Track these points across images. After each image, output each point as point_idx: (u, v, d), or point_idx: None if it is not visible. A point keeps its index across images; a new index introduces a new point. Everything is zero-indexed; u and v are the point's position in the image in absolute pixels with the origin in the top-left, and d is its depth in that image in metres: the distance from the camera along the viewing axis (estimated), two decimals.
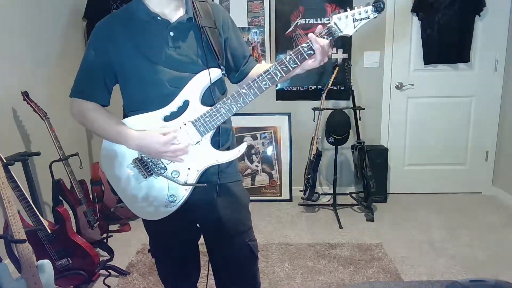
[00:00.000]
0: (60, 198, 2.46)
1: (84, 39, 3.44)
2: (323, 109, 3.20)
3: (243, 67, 1.42)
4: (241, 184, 1.44)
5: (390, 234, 2.86)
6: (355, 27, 1.17)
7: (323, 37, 1.18)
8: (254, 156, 3.60)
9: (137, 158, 1.28)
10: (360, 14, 1.16)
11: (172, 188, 1.28)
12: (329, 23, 1.19)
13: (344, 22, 1.17)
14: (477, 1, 3.22)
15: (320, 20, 3.41)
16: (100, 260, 2.30)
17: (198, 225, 1.46)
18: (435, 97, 3.48)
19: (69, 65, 3.14)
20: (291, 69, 1.20)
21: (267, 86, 1.21)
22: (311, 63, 1.21)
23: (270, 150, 3.59)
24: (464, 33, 3.29)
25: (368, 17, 1.16)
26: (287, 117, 3.55)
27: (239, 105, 1.22)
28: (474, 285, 1.10)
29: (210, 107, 1.24)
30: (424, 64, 3.41)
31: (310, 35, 1.18)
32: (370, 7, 1.15)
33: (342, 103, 3.49)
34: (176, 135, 1.23)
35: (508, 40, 3.29)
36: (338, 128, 3.20)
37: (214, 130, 1.26)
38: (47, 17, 2.90)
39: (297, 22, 3.43)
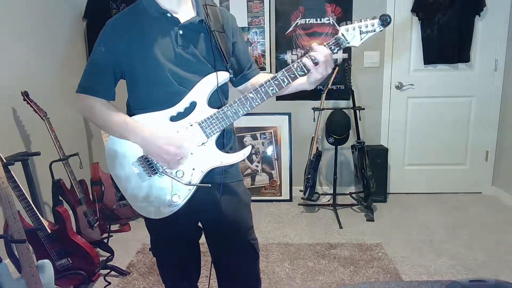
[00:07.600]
0: (60, 198, 2.46)
1: (84, 39, 3.44)
2: (323, 109, 3.20)
3: (247, 71, 1.45)
4: (243, 184, 1.46)
5: (390, 234, 2.86)
6: (361, 39, 1.21)
7: (331, 47, 1.21)
8: (254, 156, 3.60)
9: (142, 156, 1.27)
10: (367, 26, 1.20)
11: (176, 188, 1.28)
12: (337, 34, 1.22)
13: (352, 34, 1.21)
14: (477, 1, 3.22)
15: (320, 20, 3.41)
16: (100, 260, 2.30)
17: (200, 224, 1.47)
18: (435, 97, 3.48)
19: (69, 65, 3.15)
20: (298, 77, 1.23)
21: (274, 91, 1.24)
22: (316, 75, 1.23)
23: (270, 150, 3.59)
24: (464, 33, 3.29)
25: (375, 30, 1.20)
26: (287, 117, 3.55)
27: (245, 108, 1.25)
28: (474, 285, 1.10)
29: (217, 110, 1.25)
30: (424, 64, 3.41)
31: (315, 45, 1.20)
32: (377, 21, 1.19)
33: (342, 103, 3.49)
34: (183, 156, 1.24)
35: (508, 40, 3.29)
36: (338, 128, 3.20)
37: (219, 132, 1.27)
38: (47, 17, 2.90)
39: (297, 22, 3.43)
